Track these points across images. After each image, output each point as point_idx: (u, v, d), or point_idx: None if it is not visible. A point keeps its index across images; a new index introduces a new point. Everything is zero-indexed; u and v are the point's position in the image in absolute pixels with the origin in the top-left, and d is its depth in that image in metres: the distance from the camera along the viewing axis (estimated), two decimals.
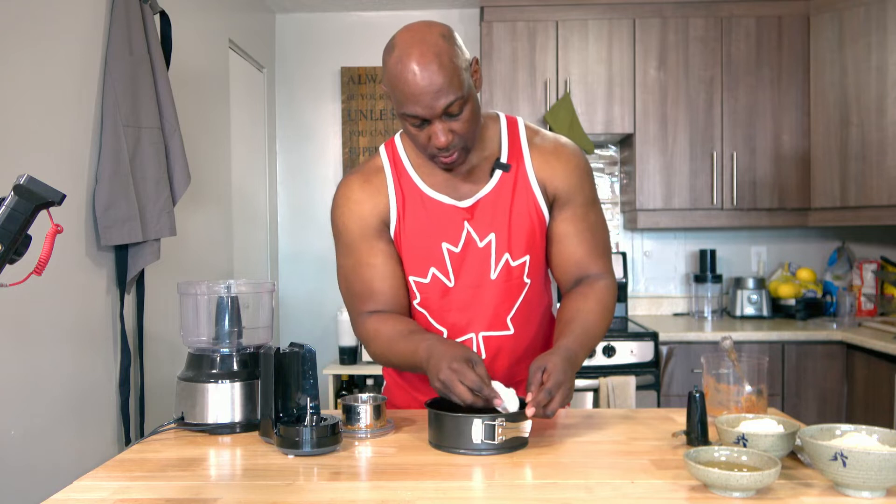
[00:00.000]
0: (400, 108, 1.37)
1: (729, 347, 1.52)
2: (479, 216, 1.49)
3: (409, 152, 1.54)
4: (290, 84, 4.13)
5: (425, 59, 1.32)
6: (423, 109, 1.34)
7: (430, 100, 1.33)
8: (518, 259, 1.51)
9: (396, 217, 1.51)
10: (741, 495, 1.05)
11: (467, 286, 1.50)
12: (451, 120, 1.37)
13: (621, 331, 3.35)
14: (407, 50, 1.33)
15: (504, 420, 1.26)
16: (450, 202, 1.50)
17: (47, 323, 1.99)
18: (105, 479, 1.18)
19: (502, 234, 1.50)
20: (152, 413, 2.48)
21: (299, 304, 4.12)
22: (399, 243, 1.52)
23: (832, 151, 3.50)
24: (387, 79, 1.37)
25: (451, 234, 1.49)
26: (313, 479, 1.17)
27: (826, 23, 3.52)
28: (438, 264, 1.50)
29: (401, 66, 1.33)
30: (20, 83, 1.90)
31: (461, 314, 1.51)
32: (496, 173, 1.50)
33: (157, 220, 2.33)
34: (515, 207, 1.50)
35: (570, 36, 3.60)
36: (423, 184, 1.51)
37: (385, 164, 1.54)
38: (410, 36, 1.35)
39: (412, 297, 1.54)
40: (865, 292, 3.76)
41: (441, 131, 1.36)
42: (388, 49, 1.37)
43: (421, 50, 1.32)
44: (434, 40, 1.34)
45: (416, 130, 1.39)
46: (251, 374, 1.46)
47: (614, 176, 4.04)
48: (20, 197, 0.90)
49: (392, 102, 1.41)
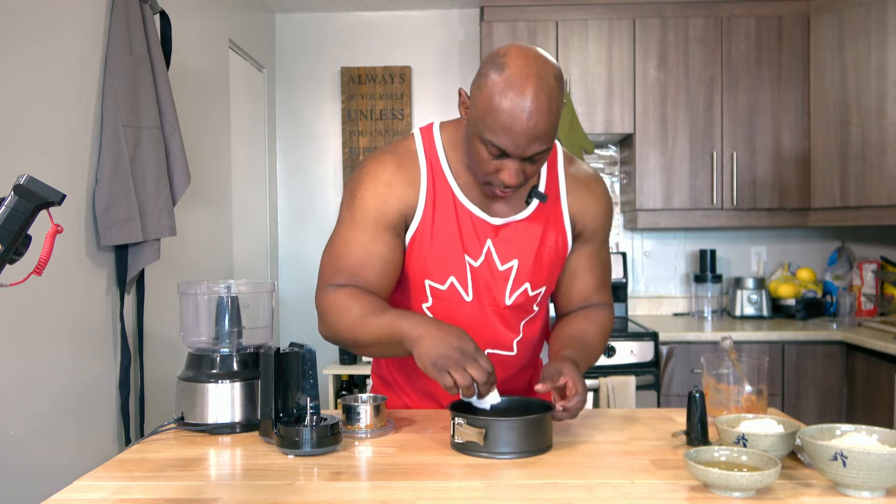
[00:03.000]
0: (483, 132, 1.28)
1: (729, 347, 1.52)
2: (505, 239, 1.45)
3: (449, 150, 1.45)
4: (290, 84, 4.13)
5: (538, 100, 1.23)
6: (512, 147, 1.27)
7: (526, 142, 1.26)
8: (537, 289, 1.50)
9: (423, 215, 1.43)
10: (741, 495, 1.05)
11: (482, 304, 1.47)
12: (528, 163, 1.31)
13: (621, 331, 3.35)
14: (520, 79, 1.24)
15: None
16: (480, 215, 1.44)
17: (47, 323, 1.99)
18: (105, 479, 1.18)
19: (526, 263, 1.46)
20: (152, 413, 2.48)
21: (299, 304, 4.12)
22: (420, 242, 1.44)
23: (832, 151, 3.50)
24: (483, 97, 1.27)
25: (473, 248, 1.44)
26: (313, 479, 1.17)
27: (826, 23, 3.52)
28: (459, 275, 1.44)
29: (510, 94, 1.23)
30: (20, 83, 1.89)
31: (471, 330, 1.43)
32: (533, 202, 1.46)
33: (157, 220, 2.33)
34: (546, 239, 1.47)
35: (570, 36, 3.60)
36: (458, 190, 1.43)
37: (420, 154, 1.45)
38: (526, 63, 1.25)
39: (422, 300, 1.48)
40: (865, 292, 3.76)
41: (516, 172, 1.31)
42: (496, 65, 1.27)
43: (536, 88, 1.23)
44: (549, 81, 1.25)
45: (488, 157, 1.30)
46: (251, 374, 1.46)
47: (614, 176, 4.04)
48: (20, 197, 0.90)
49: (469, 114, 1.33)
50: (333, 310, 1.41)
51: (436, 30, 4.10)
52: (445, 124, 1.49)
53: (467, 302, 1.46)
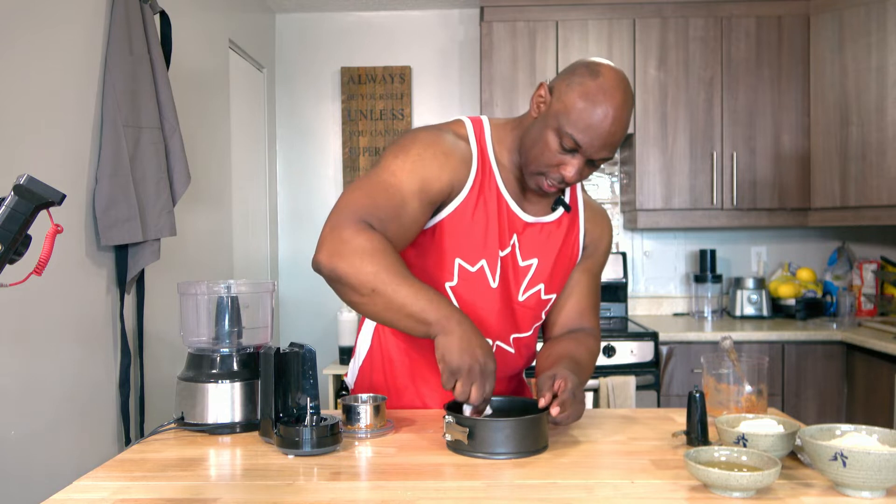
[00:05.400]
0: (565, 126, 1.35)
1: (729, 347, 1.52)
2: (528, 237, 1.52)
3: (497, 146, 1.50)
4: (290, 84, 4.13)
5: (623, 111, 1.35)
6: (588, 144, 1.35)
7: (600, 145, 1.36)
8: (549, 294, 1.56)
9: (468, 194, 1.44)
10: (741, 495, 1.05)
11: (503, 294, 1.51)
12: (589, 165, 1.40)
13: (621, 331, 3.35)
14: (612, 91, 1.34)
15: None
16: (514, 208, 1.50)
17: (47, 323, 1.99)
18: (105, 479, 1.18)
19: (545, 266, 1.53)
20: (152, 413, 2.48)
21: (299, 304, 4.12)
22: (458, 220, 1.44)
23: (832, 151, 3.50)
24: (574, 94, 1.35)
25: (504, 239, 1.49)
26: (313, 479, 1.17)
27: (826, 23, 3.52)
28: (490, 260, 1.47)
29: (602, 97, 1.33)
30: (20, 83, 1.89)
31: (490, 316, 1.50)
32: (558, 209, 1.55)
33: (157, 220, 2.33)
34: (564, 248, 1.56)
35: (570, 36, 3.60)
36: (501, 182, 1.49)
37: (471, 139, 1.48)
38: (619, 79, 1.36)
39: (447, 278, 1.47)
40: (865, 292, 3.76)
41: (578, 169, 1.39)
42: (591, 72, 1.36)
43: (624, 99, 1.35)
44: (630, 99, 1.37)
45: (557, 149, 1.38)
46: (251, 374, 1.46)
47: (614, 176, 4.04)
48: (20, 197, 0.90)
49: (546, 107, 1.40)
50: (364, 248, 1.27)
51: (436, 30, 4.10)
52: (494, 120, 1.55)
53: (492, 288, 1.50)
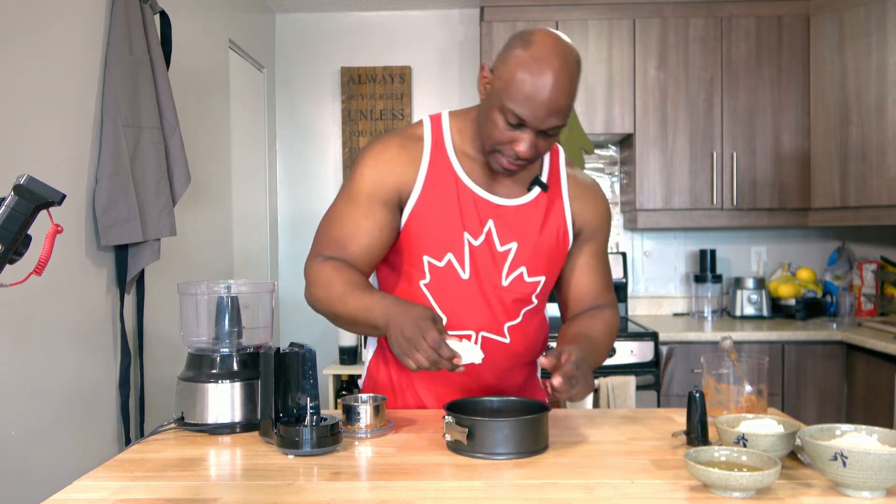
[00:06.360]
0: (505, 101, 1.35)
1: (729, 347, 1.52)
2: (504, 220, 1.50)
3: (456, 136, 1.52)
4: (290, 84, 4.13)
5: (561, 74, 1.32)
6: (531, 117, 1.34)
7: (545, 114, 1.33)
8: (533, 276, 1.53)
9: (421, 192, 1.48)
10: (741, 495, 1.05)
11: (479, 283, 1.50)
12: (542, 137, 1.38)
13: (621, 331, 3.35)
14: (548, 57, 1.32)
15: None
16: (482, 194, 1.49)
17: (47, 323, 1.99)
18: (105, 479, 1.18)
19: (525, 248, 1.51)
20: (152, 413, 2.48)
21: (299, 304, 4.12)
22: (418, 219, 1.48)
23: (832, 151, 3.50)
24: (508, 68, 1.34)
25: (473, 226, 1.49)
26: (313, 479, 1.17)
27: (826, 23, 3.52)
28: (457, 252, 1.49)
29: (535, 66, 1.31)
30: (20, 83, 1.90)
31: (466, 308, 1.50)
32: (534, 189, 1.53)
33: (157, 220, 2.33)
34: (546, 228, 1.53)
35: (570, 36, 3.60)
36: (460, 169, 1.50)
37: (426, 137, 1.52)
38: (553, 43, 1.34)
39: (418, 276, 1.51)
40: (865, 292, 3.76)
41: (530, 143, 1.37)
42: (524, 42, 1.35)
43: (560, 63, 1.32)
44: (572, 61, 1.34)
45: (505, 127, 1.37)
46: (251, 374, 1.46)
47: (614, 176, 4.04)
48: (20, 197, 0.90)
49: (490, 87, 1.40)
50: (318, 281, 1.46)
51: (436, 30, 4.10)
52: (454, 112, 1.57)
53: (464, 280, 1.50)
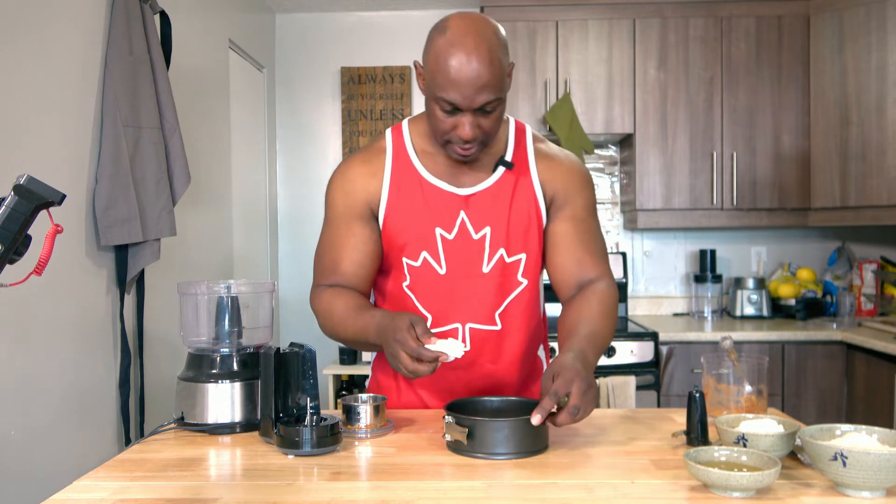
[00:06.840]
0: (435, 91, 1.37)
1: (729, 347, 1.52)
2: (476, 208, 1.51)
3: (416, 138, 1.55)
4: (290, 84, 4.13)
5: (479, 51, 1.33)
6: (461, 99, 1.35)
7: (473, 92, 1.34)
8: (513, 256, 1.53)
9: (388, 200, 1.51)
10: (741, 495, 1.05)
11: (459, 276, 1.51)
12: (481, 116, 1.39)
13: (621, 331, 3.35)
14: (461, 37, 1.33)
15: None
16: (448, 188, 1.51)
17: (47, 323, 1.99)
18: (105, 479, 1.18)
19: (499, 230, 1.51)
20: (152, 413, 2.48)
21: (299, 304, 4.12)
22: (390, 225, 1.52)
23: (832, 151, 3.50)
24: (430, 58, 1.37)
25: (445, 221, 1.50)
26: (313, 479, 1.17)
27: (826, 23, 3.52)
28: (430, 249, 1.51)
29: (452, 50, 1.33)
30: (20, 83, 1.89)
31: (449, 303, 1.51)
32: (499, 169, 1.53)
33: (157, 220, 2.33)
34: (515, 205, 1.52)
35: (570, 36, 3.60)
36: (423, 168, 1.52)
37: (388, 147, 1.56)
38: (466, 24, 1.35)
39: (401, 279, 1.54)
40: (865, 292, 3.76)
41: (470, 125, 1.38)
42: (439, 30, 1.37)
43: (476, 41, 1.33)
44: (489, 35, 1.35)
45: (443, 116, 1.39)
46: (251, 374, 1.46)
47: (614, 176, 4.04)
48: (20, 197, 0.90)
49: (424, 82, 1.42)
50: (319, 312, 1.53)
51: None
52: (413, 117, 1.60)
53: (441, 276, 1.51)
